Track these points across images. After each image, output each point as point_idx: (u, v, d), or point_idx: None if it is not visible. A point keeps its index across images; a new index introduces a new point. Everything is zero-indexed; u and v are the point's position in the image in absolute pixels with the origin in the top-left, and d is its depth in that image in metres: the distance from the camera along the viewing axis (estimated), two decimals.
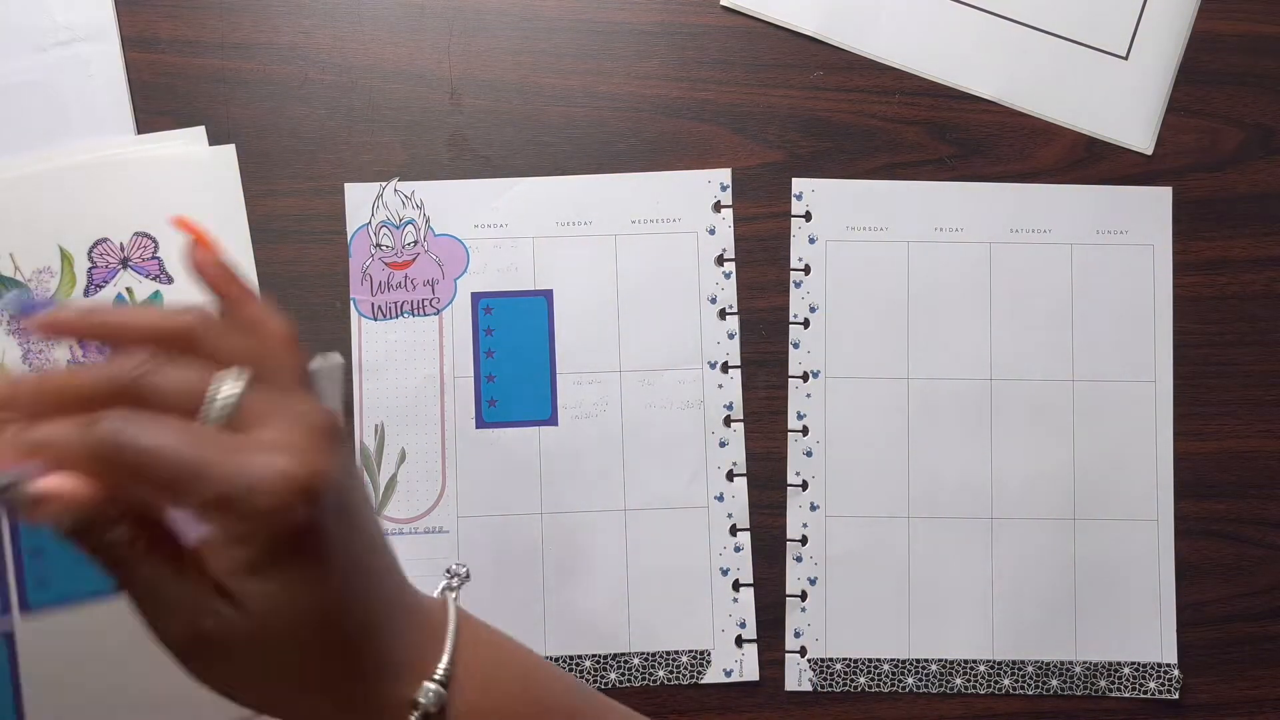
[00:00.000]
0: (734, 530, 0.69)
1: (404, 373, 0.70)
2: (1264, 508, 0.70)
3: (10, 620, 0.63)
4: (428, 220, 0.70)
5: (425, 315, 0.70)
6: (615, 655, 0.69)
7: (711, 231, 0.71)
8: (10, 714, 0.63)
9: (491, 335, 0.70)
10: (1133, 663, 0.69)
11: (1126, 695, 0.69)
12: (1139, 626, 0.70)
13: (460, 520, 0.69)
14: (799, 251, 0.71)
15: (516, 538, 0.69)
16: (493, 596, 0.69)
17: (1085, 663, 0.69)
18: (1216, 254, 0.71)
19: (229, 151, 0.70)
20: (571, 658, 0.68)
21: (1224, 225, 0.71)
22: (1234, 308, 0.71)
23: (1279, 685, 0.70)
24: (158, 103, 0.70)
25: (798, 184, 0.71)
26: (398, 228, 0.70)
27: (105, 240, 0.69)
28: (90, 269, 0.69)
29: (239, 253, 0.69)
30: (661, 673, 0.69)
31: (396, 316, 0.70)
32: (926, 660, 0.69)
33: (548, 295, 0.70)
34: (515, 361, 0.70)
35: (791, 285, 0.71)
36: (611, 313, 0.70)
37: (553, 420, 0.70)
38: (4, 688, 0.63)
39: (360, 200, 0.70)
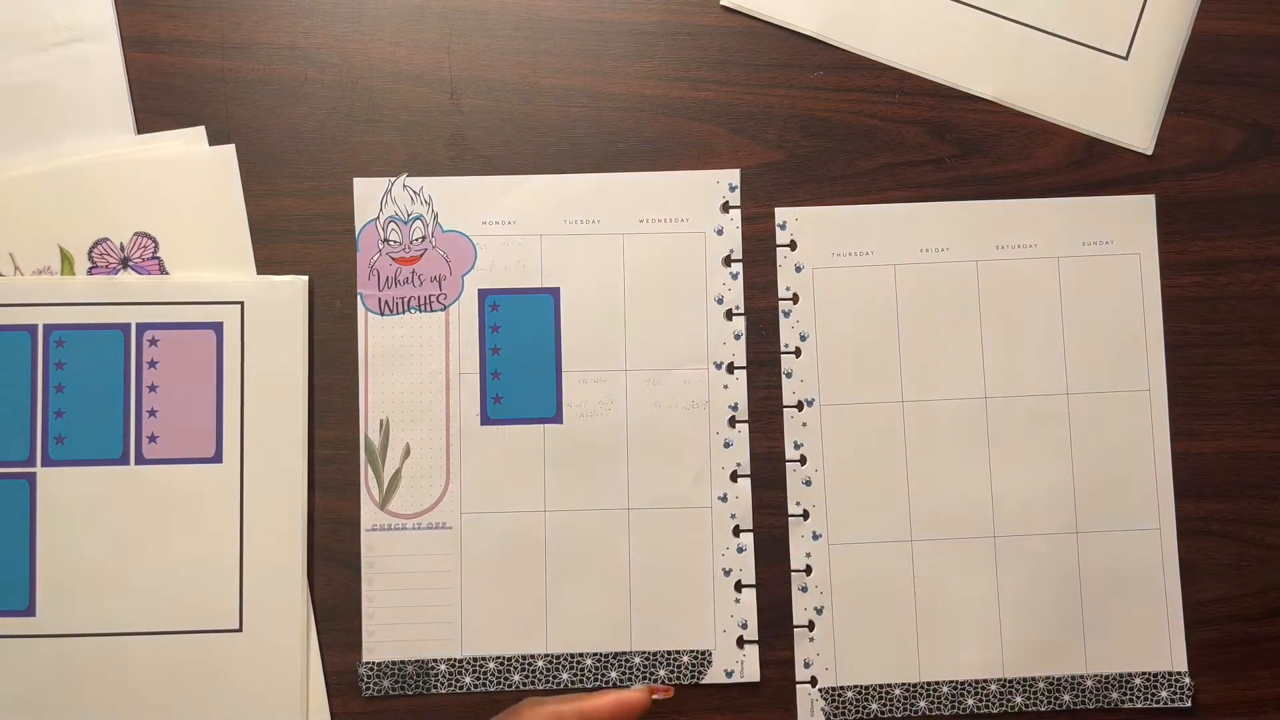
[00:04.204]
0: (737, 531, 0.69)
1: (410, 368, 0.69)
2: (1264, 508, 0.71)
3: (34, 466, 0.69)
4: (436, 216, 0.70)
5: (432, 311, 0.70)
6: (616, 654, 0.68)
7: (719, 232, 0.71)
8: (25, 548, 0.68)
9: (498, 332, 0.70)
10: (1144, 673, 0.69)
11: (1139, 706, 0.69)
12: (1147, 636, 0.69)
13: (464, 516, 0.69)
14: (786, 280, 0.71)
15: (520, 535, 0.69)
16: (495, 593, 0.68)
17: (1096, 676, 0.69)
18: (1216, 254, 0.71)
19: (229, 151, 0.70)
20: (573, 656, 0.68)
21: (1224, 225, 0.71)
22: (1234, 308, 0.71)
23: (1279, 685, 0.70)
24: (158, 103, 0.70)
25: (781, 213, 0.71)
26: (406, 223, 0.70)
27: (105, 240, 0.69)
28: (90, 269, 0.69)
29: (239, 252, 0.69)
30: (662, 672, 0.68)
31: (403, 312, 0.70)
32: (937, 683, 0.69)
33: (555, 293, 0.70)
34: (521, 358, 0.70)
35: (780, 315, 0.71)
36: (618, 311, 0.70)
37: (558, 418, 0.70)
38: (22, 525, 0.68)
39: (369, 195, 0.70)
